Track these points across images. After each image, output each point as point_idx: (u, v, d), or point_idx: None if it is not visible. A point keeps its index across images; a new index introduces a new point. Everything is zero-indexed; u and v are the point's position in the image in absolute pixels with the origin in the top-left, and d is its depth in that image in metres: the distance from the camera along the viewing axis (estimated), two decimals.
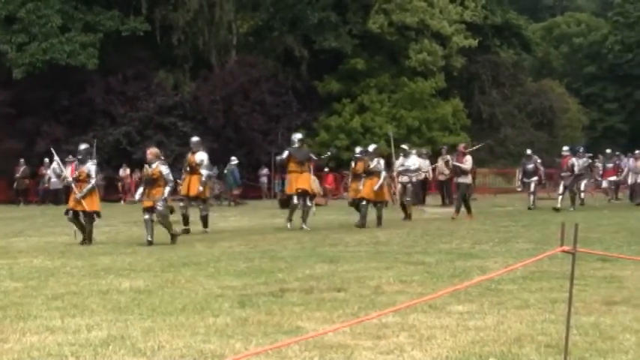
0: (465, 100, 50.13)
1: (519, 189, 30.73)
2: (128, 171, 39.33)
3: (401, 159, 24.00)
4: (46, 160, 37.06)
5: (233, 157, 35.53)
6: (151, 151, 16.64)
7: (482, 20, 51.17)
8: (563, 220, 5.55)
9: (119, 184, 40.02)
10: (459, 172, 23.23)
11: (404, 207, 22.70)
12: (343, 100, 45.63)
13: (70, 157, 36.26)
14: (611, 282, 9.73)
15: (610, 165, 33.14)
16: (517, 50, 58.84)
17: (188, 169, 19.38)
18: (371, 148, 21.12)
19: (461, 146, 24.35)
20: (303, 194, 19.35)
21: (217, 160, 38.04)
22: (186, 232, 18.50)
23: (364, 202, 19.85)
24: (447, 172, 30.49)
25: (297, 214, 19.51)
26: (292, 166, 19.62)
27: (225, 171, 34.49)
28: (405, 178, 23.24)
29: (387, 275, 10.51)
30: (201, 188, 18.90)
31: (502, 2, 56.10)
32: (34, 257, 13.60)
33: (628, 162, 31.50)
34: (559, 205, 25.43)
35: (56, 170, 36.26)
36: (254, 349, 6.50)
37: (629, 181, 29.86)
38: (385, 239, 16.18)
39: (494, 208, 26.81)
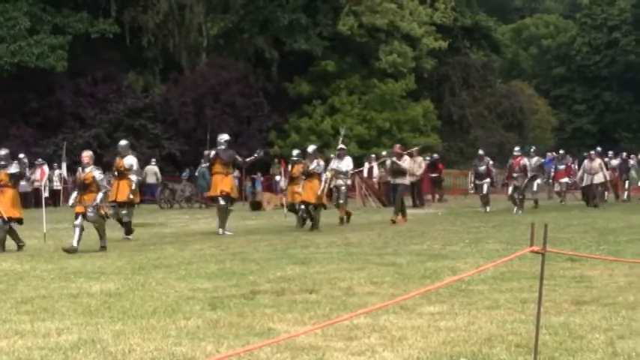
0: (436, 102, 50.37)
1: (472, 191, 30.47)
2: None
3: (334, 161, 22.36)
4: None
5: (208, 153, 35.38)
6: (86, 155, 15.91)
7: (452, 22, 51.42)
8: (532, 221, 5.58)
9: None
10: (397, 173, 22.02)
11: (339, 209, 21.91)
12: (314, 102, 45.69)
13: (40, 159, 36.18)
14: (580, 282, 9.80)
15: (562, 166, 32.00)
16: (487, 52, 59.21)
17: (116, 173, 18.56)
18: (310, 149, 20.44)
19: (396, 147, 23.10)
20: (226, 197, 18.70)
21: (188, 162, 38.02)
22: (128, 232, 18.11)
23: (303, 206, 19.32)
24: (418, 173, 30.60)
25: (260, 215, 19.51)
26: (217, 168, 19.07)
27: (197, 173, 34.36)
28: (338, 181, 21.93)
29: (359, 276, 10.52)
30: (131, 196, 18.14)
31: (471, 4, 56.45)
32: (3, 261, 13.48)
33: (583, 163, 30.59)
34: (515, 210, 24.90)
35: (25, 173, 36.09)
36: (225, 351, 6.48)
37: (584, 181, 28.60)
38: (356, 240, 16.19)
39: (465, 209, 26.91)
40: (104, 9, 41.67)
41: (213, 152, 19.31)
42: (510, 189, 25.79)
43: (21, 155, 23.69)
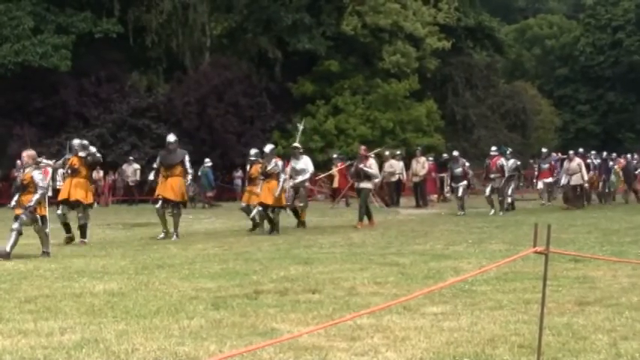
0: (439, 102, 50.33)
1: (448, 194, 29.99)
2: (102, 173, 39.13)
3: (292, 161, 21.23)
4: (19, 162, 36.79)
5: (207, 159, 35.47)
6: (27, 154, 14.84)
7: (456, 22, 51.37)
8: (536, 221, 5.57)
9: (92, 186, 39.76)
10: (362, 176, 20.92)
11: (296, 213, 20.87)
12: (317, 102, 45.66)
13: (43, 159, 36.19)
14: (583, 282, 9.79)
15: (545, 166, 31.02)
16: (490, 52, 59.14)
17: (69, 171, 17.34)
18: (267, 148, 19.30)
19: (362, 149, 21.97)
20: (167, 201, 17.73)
21: (191, 162, 37.98)
22: (70, 240, 17.04)
23: (261, 208, 18.59)
24: (421, 173, 30.64)
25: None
26: (163, 170, 18.15)
27: (199, 173, 34.39)
28: (296, 182, 20.73)
29: (362, 276, 10.52)
30: (90, 195, 17.23)
31: (475, 4, 56.40)
32: (7, 260, 13.49)
33: (563, 163, 29.88)
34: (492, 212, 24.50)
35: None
36: (228, 351, 6.48)
37: (562, 181, 27.97)
38: (359, 240, 16.20)
39: (468, 209, 26.81)
40: (107, 9, 41.65)
41: (159, 156, 18.60)
42: (488, 190, 25.30)
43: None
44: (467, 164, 26.97)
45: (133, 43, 42.41)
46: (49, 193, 16.23)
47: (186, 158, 18.14)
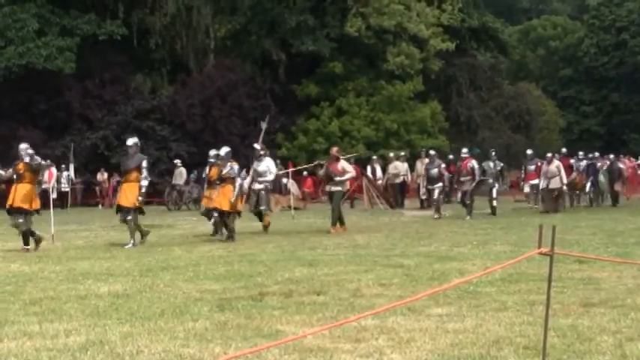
0: (443, 103, 50.32)
1: (424, 196, 29.25)
2: (106, 175, 39.23)
3: (254, 163, 20.68)
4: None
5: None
6: None
7: (460, 23, 51.38)
8: (540, 223, 5.57)
9: (97, 188, 39.86)
10: (332, 179, 20.01)
11: (260, 216, 20.04)
12: (321, 104, 45.68)
13: (48, 161, 36.21)
14: (588, 284, 9.77)
15: (532, 167, 29.53)
16: (494, 53, 59.11)
17: (15, 177, 16.56)
18: (223, 151, 18.38)
19: (333, 150, 20.89)
20: (121, 209, 16.90)
21: (195, 164, 37.99)
22: (38, 241, 16.36)
23: (216, 214, 17.85)
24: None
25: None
26: (126, 176, 17.18)
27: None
28: (258, 185, 20.07)
29: (366, 278, 10.51)
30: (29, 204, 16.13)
31: (479, 5, 56.40)
32: (12, 262, 13.51)
33: (529, 166, 29.16)
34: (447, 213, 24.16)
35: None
36: (233, 353, 6.48)
37: (541, 185, 26.96)
38: (364, 242, 16.19)
39: (473, 210, 26.76)
40: (112, 11, 41.72)
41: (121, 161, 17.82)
42: (460, 194, 24.65)
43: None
44: (443, 165, 26.22)
45: (137, 45, 42.47)
46: (54, 195, 16.23)
47: (144, 164, 16.91)
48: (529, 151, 31.00)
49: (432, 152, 26.87)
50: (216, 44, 46.07)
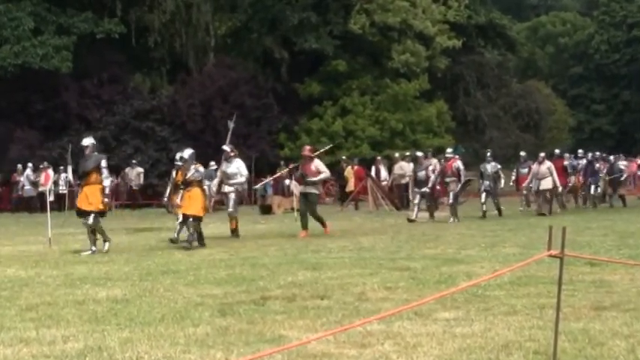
0: (450, 102, 50.29)
1: (416, 201, 28.69)
2: None
3: (222, 164, 20.37)
4: (19, 166, 36.92)
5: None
6: None
7: (466, 20, 51.34)
8: (550, 224, 5.56)
9: None
10: (306, 180, 19.45)
11: (232, 221, 19.69)
12: (325, 103, 45.66)
13: (45, 163, 36.26)
14: (600, 287, 9.76)
15: (524, 170, 29.07)
16: (502, 51, 59.07)
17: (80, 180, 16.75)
18: (186, 154, 17.84)
19: (305, 149, 20.20)
20: (81, 213, 16.52)
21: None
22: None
23: (190, 220, 17.04)
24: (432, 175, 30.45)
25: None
26: (86, 179, 16.76)
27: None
28: (227, 188, 19.79)
29: (372, 282, 10.51)
30: None
31: (486, 2, 56.35)
32: (7, 267, 13.52)
33: (522, 168, 28.56)
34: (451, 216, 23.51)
35: (30, 177, 36.27)
36: (235, 359, 6.48)
37: (532, 187, 26.39)
38: (369, 245, 16.18)
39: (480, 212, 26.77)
40: (109, 8, 41.75)
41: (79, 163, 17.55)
42: (451, 197, 23.99)
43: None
44: (431, 167, 25.28)
45: (136, 43, 42.48)
46: (51, 198, 16.26)
47: (103, 163, 16.56)
48: (522, 153, 30.77)
49: (419, 153, 26.28)
50: (216, 42, 46.07)
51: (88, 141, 17.10)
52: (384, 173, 33.61)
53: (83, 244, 18.11)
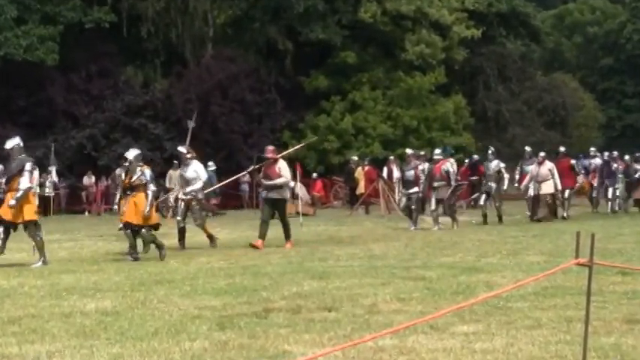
0: (468, 97, 50.31)
1: (402, 204, 28.18)
2: (93, 179, 39.29)
3: (180, 168, 19.82)
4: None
5: (210, 163, 35.43)
6: None
7: (486, 8, 51.38)
8: (578, 230, 5.55)
9: (83, 193, 39.93)
10: (268, 184, 18.82)
11: (182, 234, 19.06)
12: (332, 98, 45.70)
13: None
14: (632, 298, 9.74)
15: (529, 167, 27.47)
16: (525, 41, 59.08)
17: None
18: (130, 154, 17.16)
19: (269, 150, 19.38)
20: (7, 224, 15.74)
21: None
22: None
23: (127, 229, 16.50)
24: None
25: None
26: (7, 183, 16.22)
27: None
28: (183, 194, 19.15)
29: (384, 292, 10.50)
30: None
31: None
32: None
33: (527, 166, 27.36)
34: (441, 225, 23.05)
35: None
36: None
37: (530, 191, 25.77)
38: (381, 252, 16.18)
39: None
40: None
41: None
42: (432, 203, 23.30)
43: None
44: (420, 167, 24.43)
45: (127, 33, 42.54)
46: (36, 202, 16.22)
47: (27, 167, 15.91)
48: (527, 148, 29.50)
49: (408, 151, 25.96)
50: (215, 32, 46.15)
51: (12, 142, 16.33)
52: (396, 174, 33.62)
53: (70, 252, 18.14)
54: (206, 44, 45.56)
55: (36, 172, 17.10)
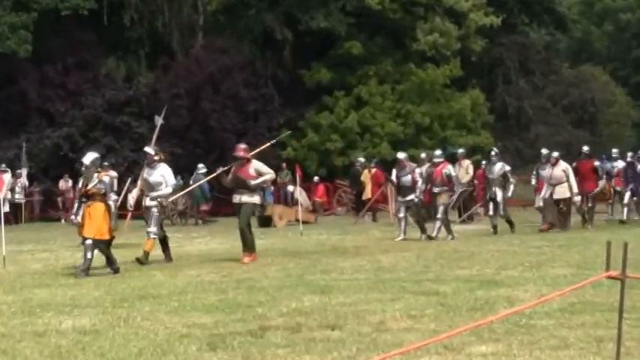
0: (487, 92, 50.25)
1: (401, 214, 27.53)
2: (70, 183, 39.26)
3: (144, 171, 19.39)
4: None
5: (201, 165, 35.51)
6: None
7: None
8: (609, 239, 5.54)
9: (59, 199, 39.93)
10: (241, 186, 18.28)
11: (162, 243, 18.87)
12: (336, 93, 45.69)
13: (3, 165, 36.28)
14: None
15: (547, 172, 26.36)
16: (550, 29, 59.11)
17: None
18: (87, 158, 16.86)
19: (239, 148, 18.71)
20: None
21: (181, 168, 38.02)
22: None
23: (89, 241, 16.03)
24: (465, 180, 30.39)
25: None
26: None
27: (191, 182, 34.44)
28: (148, 201, 18.79)
29: (393, 309, 10.51)
30: None
31: None
32: None
33: (544, 170, 26.35)
34: (435, 234, 22.70)
35: None
36: None
37: (543, 193, 25.31)
38: (389, 264, 16.18)
39: (524, 224, 26.78)
40: None
41: None
42: (440, 211, 22.77)
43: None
44: (418, 171, 24.09)
45: (108, 21, 42.58)
46: (5, 208, 16.17)
47: None
48: (544, 151, 28.16)
49: (401, 155, 24.87)
50: (205, 20, 46.20)
51: None
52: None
53: (45, 264, 18.16)
54: (196, 33, 45.60)
55: (6, 176, 17.01)
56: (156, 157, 19.03)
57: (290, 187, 34.85)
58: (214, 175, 25.42)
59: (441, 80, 46.44)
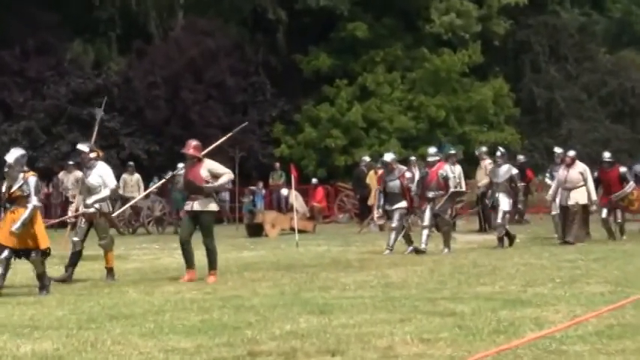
0: (512, 81, 50.28)
1: (381, 221, 27.52)
2: None
3: (84, 171, 19.28)
4: None
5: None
6: None
7: None
8: None
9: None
10: (194, 191, 17.67)
11: (75, 258, 18.55)
12: (337, 82, 45.75)
13: None
14: None
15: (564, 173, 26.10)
16: (585, 9, 59.04)
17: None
18: (11, 157, 16.54)
19: (190, 146, 17.78)
20: None
21: (158, 168, 38.06)
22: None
23: (6, 253, 15.74)
24: (483, 182, 30.32)
25: None
26: None
27: (170, 185, 34.47)
28: (86, 207, 18.58)
29: (403, 331, 10.51)
30: None
31: None
32: None
33: (557, 171, 26.19)
34: (423, 246, 22.36)
35: None
36: None
37: (557, 200, 25.09)
38: (399, 280, 16.20)
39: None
40: None
41: None
42: (426, 217, 22.66)
43: None
44: (408, 175, 23.94)
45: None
46: None
47: None
48: (557, 150, 28.45)
49: (388, 157, 24.33)
50: None
51: None
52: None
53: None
54: (175, 13, 45.67)
55: None
56: (92, 155, 18.79)
57: (284, 191, 34.81)
58: (164, 180, 25.24)
59: (458, 68, 46.48)
